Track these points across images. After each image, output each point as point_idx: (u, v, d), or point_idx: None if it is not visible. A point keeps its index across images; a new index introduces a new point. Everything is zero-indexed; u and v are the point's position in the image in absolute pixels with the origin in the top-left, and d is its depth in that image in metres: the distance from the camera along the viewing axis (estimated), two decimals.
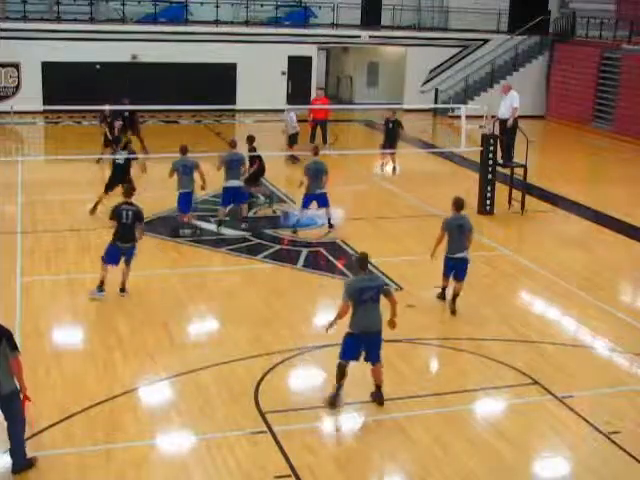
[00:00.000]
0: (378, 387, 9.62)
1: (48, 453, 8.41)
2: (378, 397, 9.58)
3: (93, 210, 16.55)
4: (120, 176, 16.22)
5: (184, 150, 15.95)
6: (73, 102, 23.95)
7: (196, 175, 15.78)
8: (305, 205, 16.19)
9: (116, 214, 12.45)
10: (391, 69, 35.02)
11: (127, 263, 12.54)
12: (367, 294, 9.40)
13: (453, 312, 12.33)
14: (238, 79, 31.07)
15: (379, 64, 35.66)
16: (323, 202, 16.22)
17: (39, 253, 14.49)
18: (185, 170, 15.66)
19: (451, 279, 12.53)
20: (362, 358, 9.53)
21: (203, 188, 15.90)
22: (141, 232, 12.59)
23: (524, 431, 9.26)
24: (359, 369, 10.61)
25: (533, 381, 10.38)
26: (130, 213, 12.39)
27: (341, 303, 9.53)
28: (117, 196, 14.10)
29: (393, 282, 13.46)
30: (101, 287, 12.42)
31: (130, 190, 12.77)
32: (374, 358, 9.52)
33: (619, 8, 33.60)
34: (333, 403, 9.44)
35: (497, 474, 8.48)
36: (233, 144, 16.56)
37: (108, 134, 19.83)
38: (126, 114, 21.14)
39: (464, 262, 12.30)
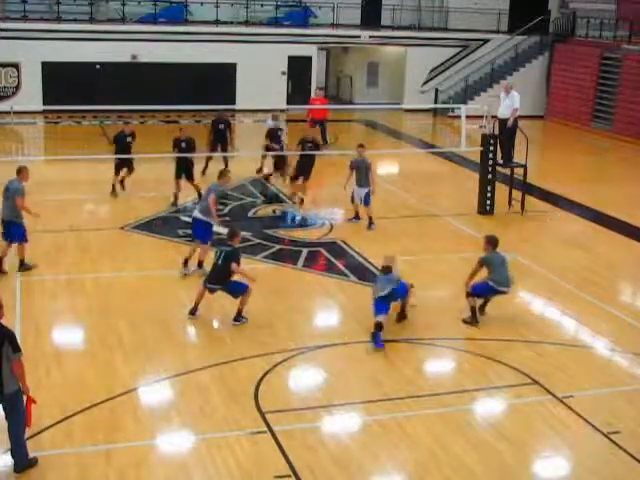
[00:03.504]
0: None
1: (48, 453, 8.42)
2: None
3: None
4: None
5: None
6: (73, 102, 23.94)
7: None
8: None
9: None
10: (391, 69, 35.02)
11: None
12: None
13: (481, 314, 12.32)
14: (238, 79, 31.07)
15: (379, 64, 35.66)
16: (366, 200, 16.44)
17: (39, 253, 14.48)
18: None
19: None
20: None
21: None
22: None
23: (524, 431, 9.27)
24: (358, 369, 10.63)
25: (533, 381, 10.38)
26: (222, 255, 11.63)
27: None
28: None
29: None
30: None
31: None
32: None
33: (619, 8, 33.60)
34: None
35: (497, 474, 8.48)
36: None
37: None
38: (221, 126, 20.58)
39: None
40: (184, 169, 17.21)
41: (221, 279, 11.64)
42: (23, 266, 13.47)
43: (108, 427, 8.96)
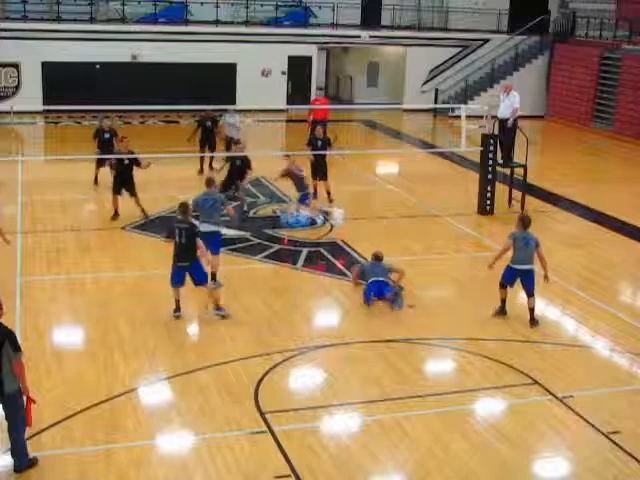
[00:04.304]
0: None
1: (48, 453, 8.41)
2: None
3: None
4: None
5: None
6: (73, 102, 23.93)
7: None
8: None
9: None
10: (391, 69, 35.02)
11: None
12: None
13: (533, 324, 12.19)
14: (238, 79, 31.07)
15: (379, 64, 35.67)
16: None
17: (39, 253, 14.50)
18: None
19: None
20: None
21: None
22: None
23: (524, 431, 9.26)
24: (358, 369, 10.63)
25: (533, 381, 10.38)
26: (183, 232, 11.74)
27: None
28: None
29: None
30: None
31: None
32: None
33: (619, 8, 33.58)
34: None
35: (497, 474, 8.48)
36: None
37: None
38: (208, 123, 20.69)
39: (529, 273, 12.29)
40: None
41: (189, 256, 11.75)
42: None
43: (108, 427, 8.96)
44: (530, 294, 12.25)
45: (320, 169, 17.98)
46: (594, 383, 10.52)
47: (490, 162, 17.94)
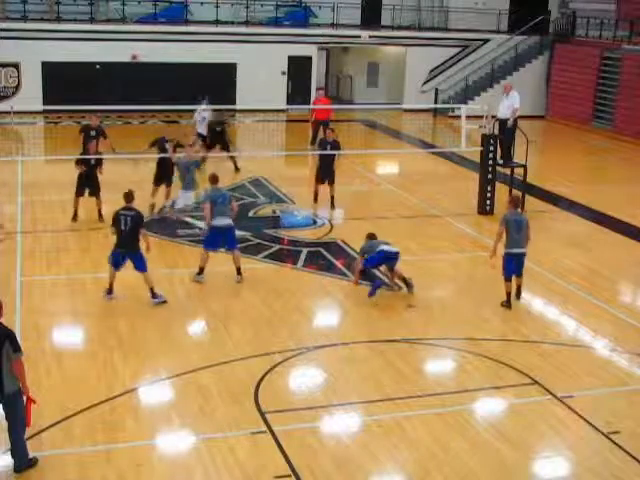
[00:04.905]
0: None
1: (48, 453, 8.42)
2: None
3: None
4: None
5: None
6: (73, 102, 23.93)
7: None
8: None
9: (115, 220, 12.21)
10: (391, 69, 35.02)
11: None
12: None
13: (518, 297, 12.99)
14: (238, 79, 31.06)
15: (379, 64, 35.66)
16: None
17: (39, 253, 14.50)
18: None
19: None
20: None
21: None
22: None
23: (524, 431, 9.26)
24: (358, 369, 10.63)
25: (533, 381, 10.38)
26: (129, 219, 12.11)
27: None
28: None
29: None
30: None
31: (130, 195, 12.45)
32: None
33: (619, 8, 33.60)
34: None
35: (497, 474, 8.48)
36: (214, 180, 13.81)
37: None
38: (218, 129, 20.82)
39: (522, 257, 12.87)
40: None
41: (130, 244, 12.06)
42: None
43: (108, 427, 8.96)
44: (520, 275, 12.88)
45: (328, 173, 17.85)
46: (594, 383, 10.52)
47: (490, 162, 17.95)
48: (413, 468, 8.53)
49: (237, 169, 21.04)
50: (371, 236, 13.30)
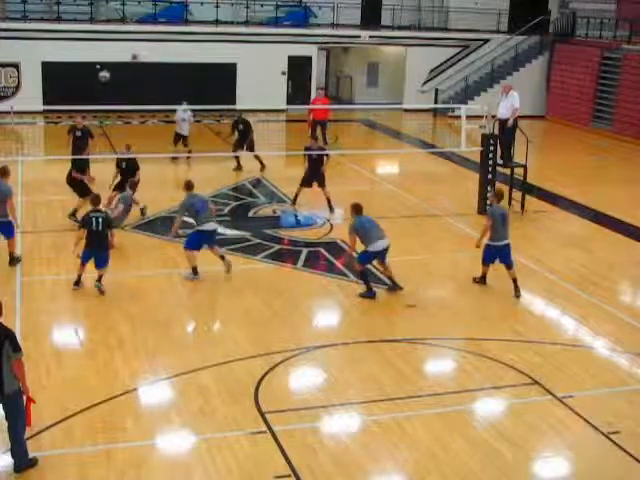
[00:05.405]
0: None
1: (48, 453, 8.42)
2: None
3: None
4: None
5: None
6: (73, 102, 23.94)
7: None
8: None
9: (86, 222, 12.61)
10: (391, 69, 35.03)
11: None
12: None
13: (518, 296, 13.22)
14: (238, 79, 31.07)
15: (379, 64, 35.67)
16: None
17: (39, 253, 14.49)
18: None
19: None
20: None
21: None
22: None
23: (524, 431, 9.26)
24: (358, 369, 10.63)
25: (533, 381, 10.38)
26: (100, 220, 12.57)
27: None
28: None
29: (393, 282, 13.46)
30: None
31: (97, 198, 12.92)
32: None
33: (619, 8, 33.60)
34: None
35: (497, 474, 8.47)
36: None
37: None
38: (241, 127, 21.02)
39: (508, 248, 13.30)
40: None
41: (101, 244, 12.58)
42: (15, 260, 13.86)
43: (108, 427, 8.96)
44: (510, 266, 13.21)
45: (317, 177, 17.69)
46: (594, 383, 10.52)
47: (490, 162, 17.95)
48: (413, 468, 8.53)
49: (263, 166, 21.17)
50: (357, 209, 12.88)
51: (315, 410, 9.53)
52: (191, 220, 13.65)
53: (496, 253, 13.22)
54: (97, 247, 12.59)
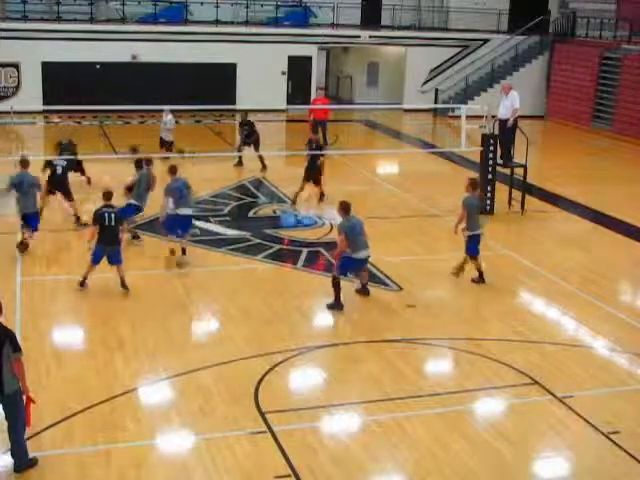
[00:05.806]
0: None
1: (48, 453, 8.42)
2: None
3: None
4: None
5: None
6: (73, 102, 23.95)
7: None
8: None
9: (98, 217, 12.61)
10: (391, 69, 35.03)
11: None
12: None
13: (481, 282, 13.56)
14: (238, 79, 31.07)
15: (379, 64, 35.68)
16: None
17: (39, 253, 14.49)
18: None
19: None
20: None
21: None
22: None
23: (524, 431, 9.26)
24: (358, 369, 10.63)
25: (533, 381, 10.38)
26: (112, 215, 12.58)
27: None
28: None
29: (393, 282, 13.46)
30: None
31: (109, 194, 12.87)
32: None
33: (619, 8, 33.61)
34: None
35: (497, 474, 8.48)
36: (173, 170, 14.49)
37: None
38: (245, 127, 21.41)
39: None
40: None
41: (114, 239, 12.60)
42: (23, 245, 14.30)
43: (108, 427, 8.96)
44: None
45: (310, 173, 17.91)
46: (594, 383, 10.52)
47: (490, 162, 17.94)
48: (413, 468, 8.53)
49: (264, 167, 21.22)
50: (346, 209, 12.51)
51: (315, 410, 9.53)
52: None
53: (478, 242, 13.50)
54: (110, 243, 12.58)
